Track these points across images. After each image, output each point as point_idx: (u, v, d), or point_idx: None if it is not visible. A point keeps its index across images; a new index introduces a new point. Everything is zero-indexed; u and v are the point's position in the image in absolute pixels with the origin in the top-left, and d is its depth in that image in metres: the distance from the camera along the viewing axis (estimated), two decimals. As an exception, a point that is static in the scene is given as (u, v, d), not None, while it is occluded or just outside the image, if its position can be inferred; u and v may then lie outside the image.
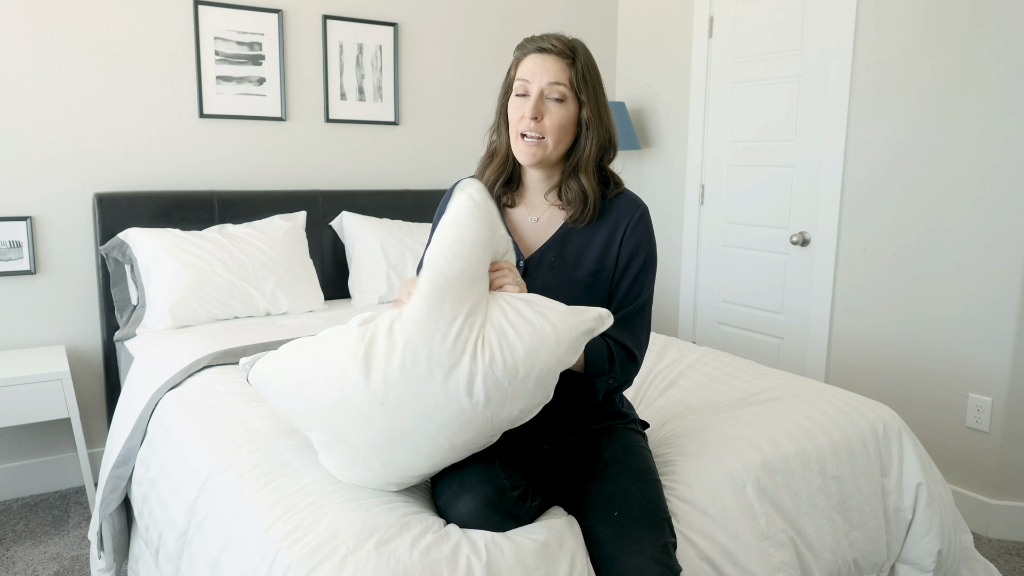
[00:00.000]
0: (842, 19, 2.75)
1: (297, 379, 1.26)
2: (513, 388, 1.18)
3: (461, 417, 1.18)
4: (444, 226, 1.24)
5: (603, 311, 1.24)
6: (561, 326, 1.20)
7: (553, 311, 1.22)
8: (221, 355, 2.03)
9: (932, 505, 1.70)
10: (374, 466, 1.25)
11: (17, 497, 2.62)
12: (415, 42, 3.25)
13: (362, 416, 1.20)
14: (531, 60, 1.39)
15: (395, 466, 1.25)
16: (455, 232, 1.22)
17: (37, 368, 2.35)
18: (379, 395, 1.18)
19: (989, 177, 2.39)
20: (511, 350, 1.17)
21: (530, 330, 1.19)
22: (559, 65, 1.37)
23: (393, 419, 1.19)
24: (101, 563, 1.89)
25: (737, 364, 2.13)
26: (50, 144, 2.57)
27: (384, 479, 1.28)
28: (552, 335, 1.19)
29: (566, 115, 1.38)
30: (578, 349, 1.22)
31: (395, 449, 1.22)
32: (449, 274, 1.18)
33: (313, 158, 3.07)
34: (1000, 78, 2.34)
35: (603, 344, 1.38)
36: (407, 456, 1.23)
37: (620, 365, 1.39)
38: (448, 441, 1.21)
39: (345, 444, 1.25)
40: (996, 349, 2.41)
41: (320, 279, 2.95)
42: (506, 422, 1.23)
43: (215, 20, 2.79)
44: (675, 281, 3.58)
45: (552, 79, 1.36)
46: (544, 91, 1.37)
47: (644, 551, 1.20)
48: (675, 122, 3.51)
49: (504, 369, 1.16)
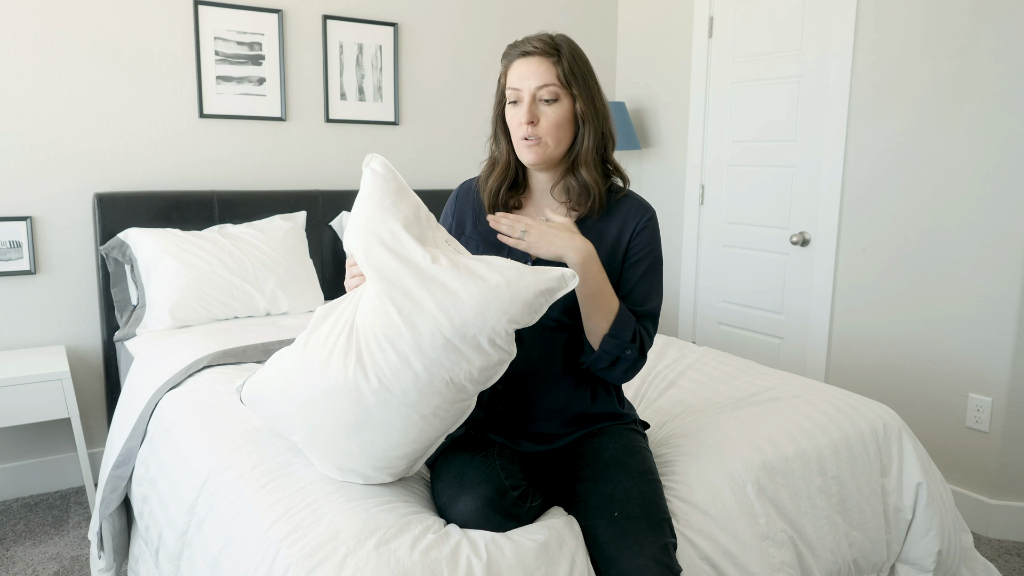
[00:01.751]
0: (842, 19, 2.75)
1: (285, 380, 1.30)
2: (466, 348, 1.17)
3: (418, 382, 1.18)
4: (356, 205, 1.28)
5: (567, 271, 1.18)
6: (517, 283, 1.16)
7: (509, 268, 1.18)
8: (221, 355, 2.02)
9: (932, 505, 1.70)
10: (355, 453, 1.26)
11: (17, 497, 2.62)
12: (415, 42, 3.25)
13: (330, 401, 1.22)
14: (517, 66, 1.39)
15: (374, 447, 1.24)
16: (366, 209, 1.24)
17: (37, 368, 2.35)
18: (339, 375, 1.20)
19: (989, 177, 2.39)
20: (459, 309, 1.15)
21: (481, 287, 1.15)
22: (545, 65, 1.37)
23: (356, 398, 1.20)
24: (101, 563, 1.89)
25: (737, 364, 2.13)
26: (50, 144, 2.57)
27: (371, 466, 1.27)
28: (506, 292, 1.15)
29: (562, 113, 1.38)
30: (536, 310, 1.18)
31: (366, 430, 1.22)
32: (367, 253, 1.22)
33: (313, 158, 3.07)
34: (1000, 78, 2.34)
35: (635, 322, 1.37)
36: (380, 435, 1.23)
37: (636, 349, 1.37)
38: (415, 411, 1.20)
39: (323, 435, 1.27)
40: (996, 349, 2.41)
41: (320, 279, 2.95)
42: (469, 382, 1.20)
43: (215, 20, 2.79)
44: (675, 281, 3.58)
45: (540, 82, 1.37)
46: (535, 94, 1.37)
47: (644, 551, 1.20)
48: (675, 122, 3.51)
49: (452, 329, 1.15)
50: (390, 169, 1.26)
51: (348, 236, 1.26)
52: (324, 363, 1.23)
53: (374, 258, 1.20)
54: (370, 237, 1.21)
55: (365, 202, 1.24)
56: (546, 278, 1.17)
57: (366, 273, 1.21)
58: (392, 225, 1.21)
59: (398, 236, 1.20)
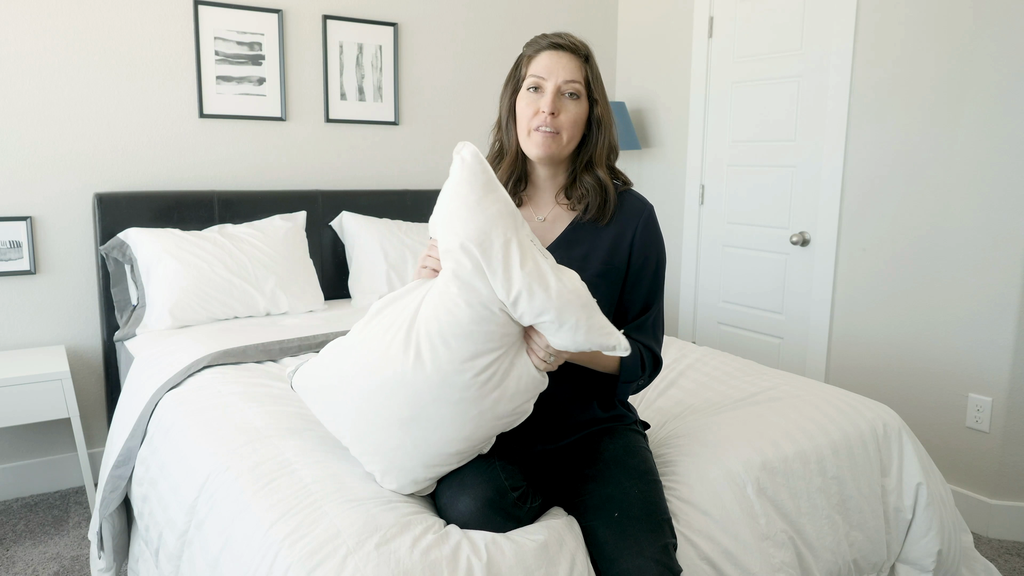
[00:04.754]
0: (842, 19, 2.75)
1: (339, 371, 1.30)
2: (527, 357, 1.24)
3: (478, 379, 1.20)
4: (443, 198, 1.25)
5: (623, 341, 1.21)
6: (587, 321, 1.20)
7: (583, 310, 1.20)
8: (221, 355, 2.02)
9: (932, 505, 1.70)
10: (407, 448, 1.25)
11: (17, 497, 2.62)
12: (415, 42, 3.25)
13: (385, 394, 1.23)
14: (546, 56, 1.39)
15: (427, 444, 1.24)
16: (452, 205, 1.22)
17: (37, 368, 2.35)
18: (397, 368, 1.21)
19: (989, 178, 2.39)
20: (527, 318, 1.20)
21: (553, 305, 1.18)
22: (575, 63, 1.38)
23: (412, 392, 1.21)
24: (101, 563, 1.89)
25: (737, 364, 2.13)
26: (50, 144, 2.57)
27: (423, 462, 1.26)
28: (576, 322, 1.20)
29: (580, 112, 1.39)
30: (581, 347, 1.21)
31: (421, 424, 1.22)
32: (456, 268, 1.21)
33: (313, 158, 3.07)
34: (1000, 78, 2.34)
35: (637, 351, 1.39)
36: (434, 431, 1.23)
37: (649, 371, 1.42)
38: (473, 407, 1.21)
39: (376, 429, 1.26)
40: (996, 349, 2.41)
41: (320, 279, 2.95)
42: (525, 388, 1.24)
43: (215, 20, 2.79)
44: (675, 281, 3.58)
45: (568, 76, 1.37)
46: (560, 87, 1.37)
47: (644, 552, 1.20)
48: (675, 122, 3.51)
49: (518, 335, 1.21)
50: (480, 160, 1.23)
51: (435, 223, 1.26)
52: (383, 354, 1.23)
53: (454, 256, 1.19)
54: (453, 233, 1.20)
55: (453, 194, 1.22)
56: (601, 343, 1.20)
57: (444, 267, 1.22)
58: (479, 222, 1.19)
59: (482, 238, 1.18)
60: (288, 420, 1.60)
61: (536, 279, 1.16)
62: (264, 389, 1.82)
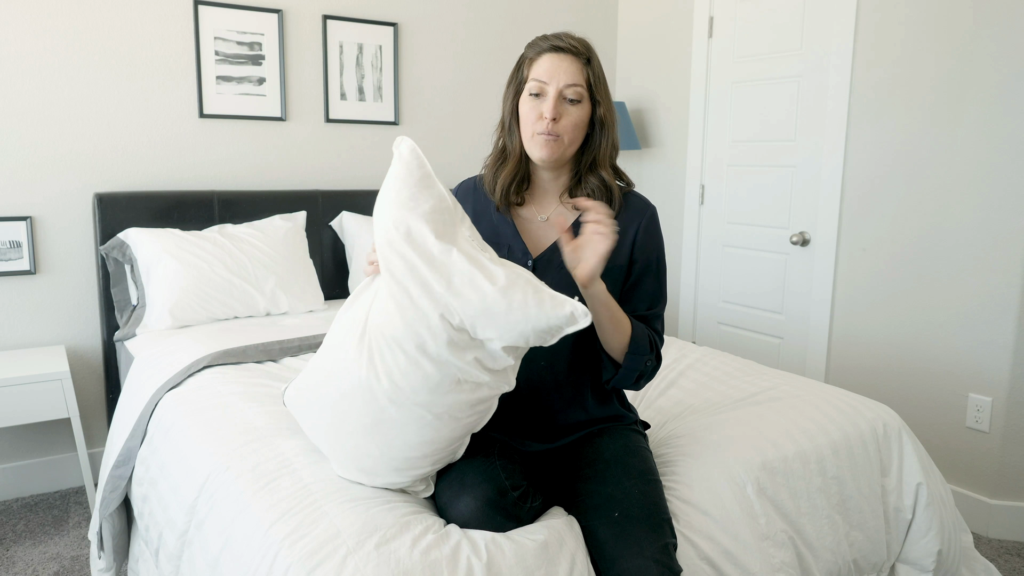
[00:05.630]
0: (842, 19, 2.75)
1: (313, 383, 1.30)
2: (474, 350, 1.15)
3: (428, 382, 1.16)
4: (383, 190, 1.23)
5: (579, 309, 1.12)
6: (526, 309, 1.11)
7: (524, 288, 1.12)
8: (221, 355, 2.02)
9: (932, 505, 1.70)
10: (374, 455, 1.25)
11: (17, 497, 2.62)
12: (415, 42, 3.25)
13: (347, 402, 1.23)
14: (547, 60, 1.38)
15: (391, 448, 1.23)
16: (386, 200, 1.20)
17: (37, 368, 2.35)
18: (353, 376, 1.20)
19: (989, 177, 2.39)
20: (464, 310, 1.12)
21: (489, 293, 1.11)
22: (576, 66, 1.37)
23: (370, 398, 1.20)
24: (101, 563, 1.89)
25: (737, 364, 2.13)
26: (50, 144, 2.57)
27: (391, 468, 1.26)
28: (510, 313, 1.11)
29: (582, 115, 1.39)
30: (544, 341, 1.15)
31: (383, 431, 1.22)
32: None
33: (313, 158, 3.07)
34: (1000, 78, 2.34)
35: (646, 330, 1.39)
36: (396, 436, 1.21)
37: (654, 359, 1.40)
38: (427, 411, 1.18)
39: (343, 436, 1.26)
40: (996, 349, 2.41)
41: (320, 279, 2.95)
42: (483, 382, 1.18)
43: (215, 20, 2.79)
44: (675, 281, 3.58)
45: (570, 80, 1.36)
46: (562, 91, 1.36)
47: (644, 552, 1.20)
48: (675, 122, 3.51)
49: (454, 330, 1.13)
50: (417, 155, 1.20)
51: (374, 222, 1.23)
52: (342, 361, 1.23)
53: (385, 254, 1.18)
54: (384, 231, 1.18)
55: (387, 190, 1.20)
56: (558, 314, 1.11)
57: (381, 266, 1.20)
58: (408, 220, 1.16)
59: (412, 233, 1.15)
60: (288, 420, 1.60)
61: (475, 272, 1.12)
62: (264, 389, 1.82)
